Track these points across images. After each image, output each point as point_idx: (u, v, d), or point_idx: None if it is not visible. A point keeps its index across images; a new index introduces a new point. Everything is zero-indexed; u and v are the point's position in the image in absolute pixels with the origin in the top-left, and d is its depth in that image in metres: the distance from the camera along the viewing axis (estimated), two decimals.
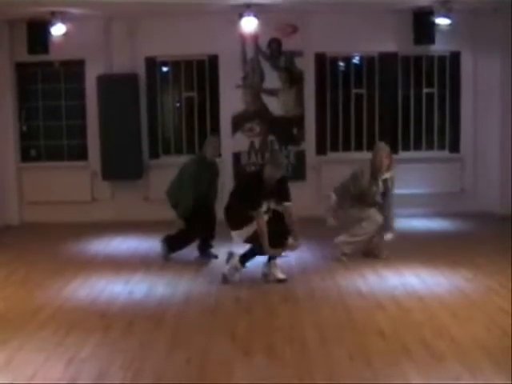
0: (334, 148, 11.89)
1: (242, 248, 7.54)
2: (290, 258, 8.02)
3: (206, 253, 8.62)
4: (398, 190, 11.35)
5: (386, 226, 8.22)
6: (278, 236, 7.36)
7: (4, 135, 11.64)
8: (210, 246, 8.66)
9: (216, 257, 8.50)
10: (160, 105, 11.90)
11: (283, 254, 7.58)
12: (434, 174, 11.73)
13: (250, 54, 11.57)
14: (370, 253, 8.41)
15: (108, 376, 4.82)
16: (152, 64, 11.71)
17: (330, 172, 11.10)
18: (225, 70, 11.59)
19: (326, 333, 5.69)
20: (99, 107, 11.44)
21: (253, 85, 11.63)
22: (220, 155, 9.52)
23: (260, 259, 7.48)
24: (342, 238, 8.30)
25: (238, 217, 7.43)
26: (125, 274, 7.86)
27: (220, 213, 7.92)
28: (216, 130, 11.54)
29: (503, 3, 10.33)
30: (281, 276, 7.46)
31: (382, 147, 8.30)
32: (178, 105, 12.02)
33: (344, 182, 8.29)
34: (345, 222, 8.29)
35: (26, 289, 7.33)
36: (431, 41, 11.34)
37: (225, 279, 7.40)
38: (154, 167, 11.71)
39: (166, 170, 11.27)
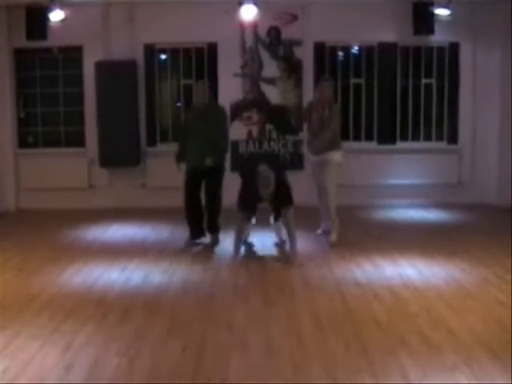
0: None
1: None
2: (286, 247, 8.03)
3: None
4: (395, 181, 11.53)
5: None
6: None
7: (2, 121, 11.60)
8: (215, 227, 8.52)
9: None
10: (158, 92, 11.88)
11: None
12: (432, 165, 11.72)
13: (249, 42, 11.54)
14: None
15: (104, 363, 4.82)
16: (151, 51, 11.66)
17: None
18: (224, 58, 11.54)
19: (322, 322, 5.70)
20: (97, 94, 11.40)
21: (251, 73, 11.61)
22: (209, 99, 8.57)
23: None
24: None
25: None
26: (121, 261, 7.85)
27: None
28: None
29: None
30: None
31: (324, 79, 9.09)
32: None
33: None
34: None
35: (22, 275, 7.32)
36: (430, 31, 11.33)
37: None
38: (151, 155, 11.69)
39: (163, 158, 11.29)
